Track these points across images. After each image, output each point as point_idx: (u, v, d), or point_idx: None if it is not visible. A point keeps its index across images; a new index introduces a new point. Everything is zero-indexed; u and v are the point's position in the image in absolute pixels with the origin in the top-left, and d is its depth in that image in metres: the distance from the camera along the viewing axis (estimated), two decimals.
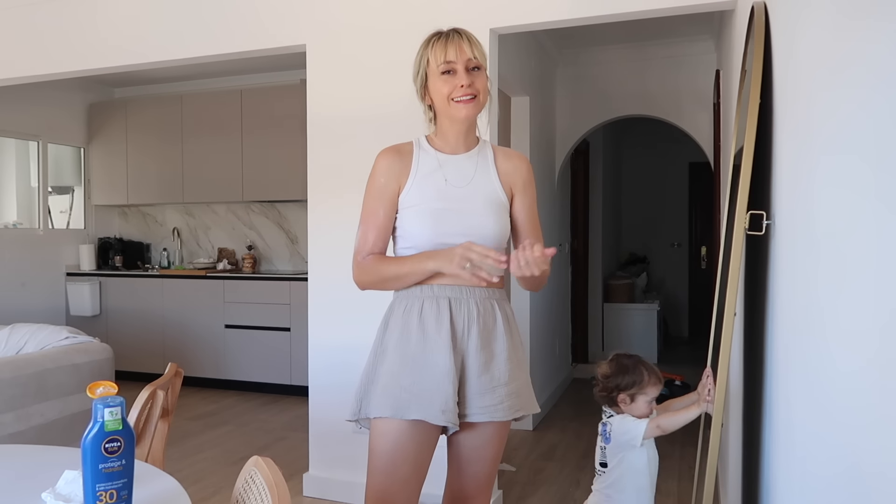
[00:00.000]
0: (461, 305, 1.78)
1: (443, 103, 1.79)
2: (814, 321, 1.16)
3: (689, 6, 2.85)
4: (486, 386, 1.77)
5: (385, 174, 1.83)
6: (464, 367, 1.77)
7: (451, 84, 1.77)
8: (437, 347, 1.74)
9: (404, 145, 1.89)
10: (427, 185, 1.82)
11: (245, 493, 1.32)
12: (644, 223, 8.50)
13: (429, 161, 1.85)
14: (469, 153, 1.88)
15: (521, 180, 1.91)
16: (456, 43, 1.78)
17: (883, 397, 0.78)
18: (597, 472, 2.12)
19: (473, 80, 1.78)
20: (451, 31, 1.82)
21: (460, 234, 1.75)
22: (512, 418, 1.82)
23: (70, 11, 3.93)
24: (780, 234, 1.51)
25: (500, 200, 1.86)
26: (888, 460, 0.76)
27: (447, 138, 1.86)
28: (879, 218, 0.81)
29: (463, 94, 1.77)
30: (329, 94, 3.37)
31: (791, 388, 1.34)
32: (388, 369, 1.78)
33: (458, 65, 1.77)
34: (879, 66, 0.81)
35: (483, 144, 1.92)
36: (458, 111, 1.78)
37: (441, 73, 1.77)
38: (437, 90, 1.79)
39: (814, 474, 1.13)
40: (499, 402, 1.77)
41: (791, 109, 1.42)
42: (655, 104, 5.18)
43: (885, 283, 0.78)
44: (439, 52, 1.78)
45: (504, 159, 1.91)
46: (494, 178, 1.87)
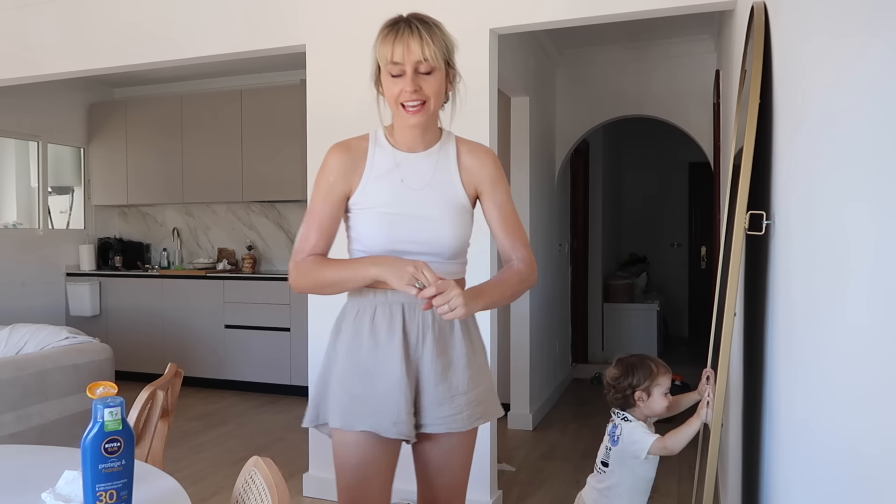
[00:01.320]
0: (415, 311, 1.66)
1: (392, 106, 1.65)
2: (813, 321, 1.16)
3: (689, 6, 2.85)
4: (444, 395, 1.67)
5: (335, 172, 1.69)
6: (419, 376, 1.67)
7: (397, 87, 1.61)
8: (389, 356, 1.64)
9: (359, 141, 1.74)
10: (381, 188, 1.68)
11: (245, 493, 1.32)
12: (644, 223, 8.50)
13: (384, 159, 1.70)
14: (428, 151, 1.72)
15: (488, 177, 1.75)
16: (404, 41, 1.58)
17: (883, 397, 0.78)
18: (597, 469, 2.12)
19: (421, 85, 1.60)
20: (402, 22, 1.61)
21: (415, 241, 1.66)
22: (472, 427, 1.73)
23: (70, 12, 3.93)
24: (780, 234, 1.51)
25: (460, 203, 1.72)
26: (888, 460, 0.76)
27: (403, 137, 1.71)
28: (879, 217, 0.81)
29: (409, 100, 1.60)
30: (329, 94, 3.37)
31: (791, 388, 1.34)
32: (338, 377, 1.69)
33: (406, 66, 1.59)
34: (879, 65, 0.81)
35: (446, 139, 1.75)
36: (406, 119, 1.64)
37: (389, 74, 1.61)
38: (387, 90, 1.64)
39: (814, 474, 1.13)
40: (458, 411, 1.68)
41: (791, 109, 1.42)
42: (655, 104, 5.18)
43: (885, 283, 0.78)
44: (385, 49, 1.60)
45: (468, 156, 1.75)
46: (455, 178, 1.73)
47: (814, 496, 1.13)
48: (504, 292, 1.73)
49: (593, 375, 6.05)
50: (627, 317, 6.82)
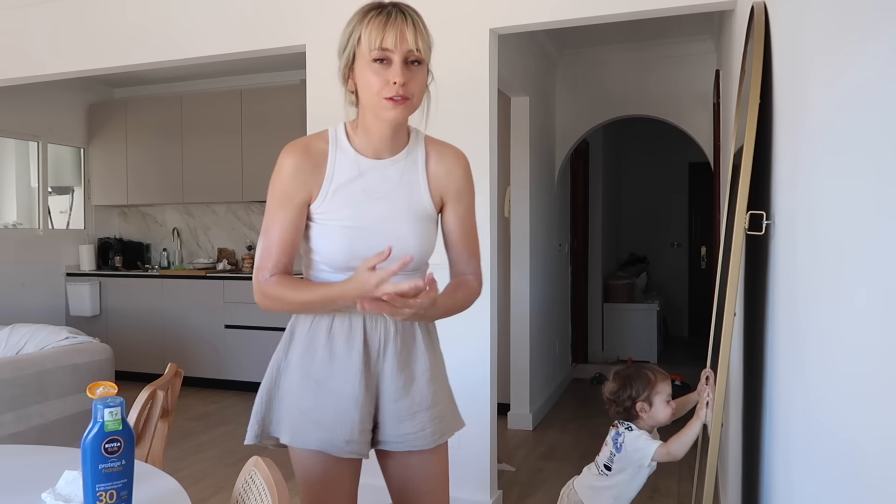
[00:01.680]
0: (377, 323, 1.55)
1: (369, 97, 1.48)
2: (813, 321, 1.16)
3: (689, 6, 2.85)
4: (405, 412, 1.56)
5: (292, 181, 1.52)
6: (379, 390, 1.56)
7: (383, 78, 1.45)
8: (346, 371, 1.53)
9: (317, 141, 1.57)
10: (342, 199, 1.53)
11: (245, 493, 1.32)
12: (644, 223, 8.50)
13: (346, 166, 1.54)
14: (395, 158, 1.57)
15: (455, 187, 1.62)
16: (398, 27, 1.44)
17: (883, 396, 0.78)
18: (598, 468, 2.12)
19: (410, 79, 1.46)
20: (393, 6, 1.48)
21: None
22: (435, 445, 1.61)
23: (70, 12, 3.93)
24: (780, 234, 1.51)
25: (426, 213, 1.59)
26: (889, 460, 0.76)
27: (370, 138, 1.55)
28: (879, 217, 0.81)
29: (394, 93, 1.45)
30: (329, 94, 3.36)
31: (791, 388, 1.34)
32: (288, 388, 1.57)
33: (396, 55, 1.44)
34: (879, 65, 0.81)
35: (414, 142, 1.61)
36: (386, 111, 1.47)
37: (372, 59, 1.45)
38: (365, 81, 1.47)
39: (814, 474, 1.13)
40: (420, 429, 1.57)
41: (791, 109, 1.42)
42: (655, 104, 5.18)
43: (885, 283, 0.78)
44: (375, 33, 1.44)
45: (437, 161, 1.61)
46: (423, 186, 1.59)
47: (814, 496, 1.13)
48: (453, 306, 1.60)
49: (593, 375, 6.05)
50: (627, 317, 6.82)
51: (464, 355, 3.06)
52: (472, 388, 3.08)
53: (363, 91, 1.49)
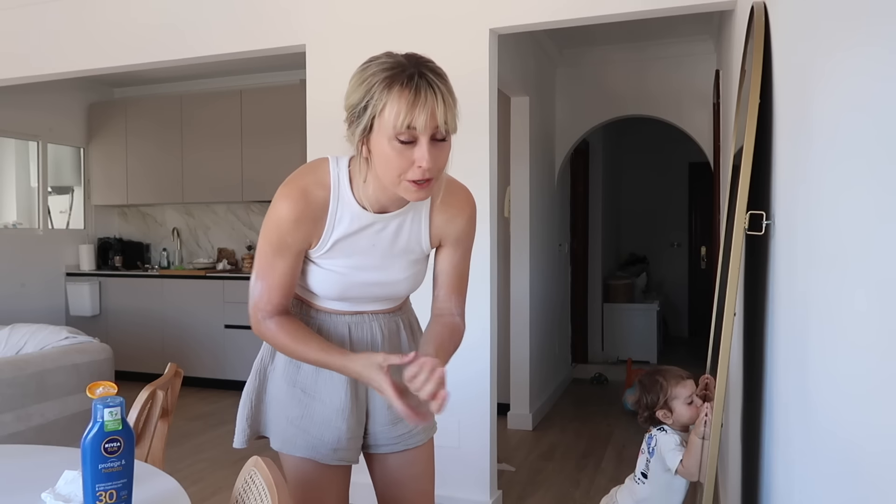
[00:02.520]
0: (363, 329, 1.55)
1: (388, 176, 1.34)
2: (813, 321, 1.16)
3: (689, 6, 2.85)
4: (397, 415, 1.55)
5: (291, 233, 1.43)
6: (368, 398, 1.57)
7: (407, 160, 1.31)
8: (332, 381, 1.51)
9: (317, 188, 1.44)
10: (340, 250, 1.47)
11: (245, 494, 1.32)
12: (644, 223, 8.50)
13: (348, 221, 1.45)
14: (400, 210, 1.47)
15: (454, 234, 1.54)
16: (429, 106, 1.28)
17: (883, 397, 0.78)
18: (636, 479, 2.12)
19: (436, 158, 1.32)
20: (420, 78, 1.29)
21: (370, 298, 1.54)
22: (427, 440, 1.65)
23: (70, 12, 3.93)
24: (780, 234, 1.51)
25: (423, 256, 1.56)
26: (889, 460, 0.76)
27: (378, 195, 1.43)
28: (879, 217, 0.81)
29: (420, 176, 1.32)
30: (329, 94, 3.37)
31: (791, 388, 1.34)
32: (275, 395, 1.55)
33: (424, 136, 1.29)
34: (879, 65, 0.81)
35: None
36: (409, 193, 1.36)
37: (396, 139, 1.30)
38: (385, 158, 1.32)
39: (814, 474, 1.13)
40: (412, 428, 1.59)
41: (791, 109, 1.42)
42: (655, 104, 5.18)
43: (885, 283, 0.78)
44: (403, 113, 1.28)
45: (441, 210, 1.51)
46: (424, 233, 1.52)
47: (814, 496, 1.13)
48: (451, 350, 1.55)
49: (593, 375, 6.05)
50: (627, 317, 6.82)
51: (463, 355, 3.05)
52: (472, 387, 3.08)
53: (381, 166, 1.34)
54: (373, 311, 1.57)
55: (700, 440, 1.92)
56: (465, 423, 3.13)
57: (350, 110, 1.37)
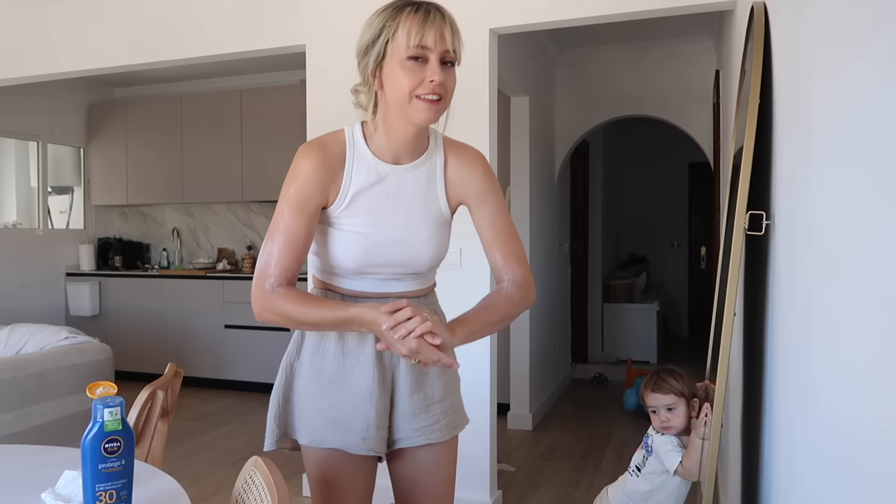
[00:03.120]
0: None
1: (400, 98, 1.40)
2: (813, 321, 1.16)
3: (689, 6, 2.85)
4: (420, 405, 1.55)
5: (310, 184, 1.45)
6: (394, 385, 1.55)
7: (418, 76, 1.37)
8: (359, 366, 1.51)
9: (334, 143, 1.50)
10: (358, 207, 1.48)
11: (245, 494, 1.32)
12: (644, 223, 8.50)
13: (365, 172, 1.48)
14: (414, 163, 1.51)
15: (475, 189, 1.55)
16: (437, 26, 1.37)
17: (883, 397, 0.78)
18: (630, 471, 2.14)
19: (446, 78, 1.39)
20: (429, 4, 1.41)
21: (391, 264, 1.52)
22: (451, 437, 1.61)
23: (70, 12, 3.93)
24: (780, 234, 1.51)
25: (442, 219, 1.56)
26: (889, 460, 0.76)
27: (391, 142, 1.48)
28: (879, 217, 0.81)
29: (431, 91, 1.38)
30: (329, 94, 3.37)
31: (791, 388, 1.34)
32: (303, 388, 1.55)
33: (433, 54, 1.37)
34: (879, 64, 0.81)
35: (433, 147, 1.55)
36: (419, 112, 1.39)
37: (408, 56, 1.37)
38: (396, 80, 1.39)
39: (814, 474, 1.13)
40: (434, 421, 1.57)
41: (791, 109, 1.42)
42: (655, 104, 5.18)
43: (885, 283, 0.78)
44: (415, 30, 1.36)
45: (455, 166, 1.55)
46: (441, 192, 1.55)
47: (814, 496, 1.13)
48: (489, 319, 1.52)
49: (593, 375, 6.05)
50: (627, 317, 6.82)
51: (463, 355, 3.06)
52: (472, 388, 3.07)
53: (392, 91, 1.40)
54: (398, 295, 1.54)
55: (700, 441, 1.92)
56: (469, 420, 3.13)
57: (362, 49, 1.46)
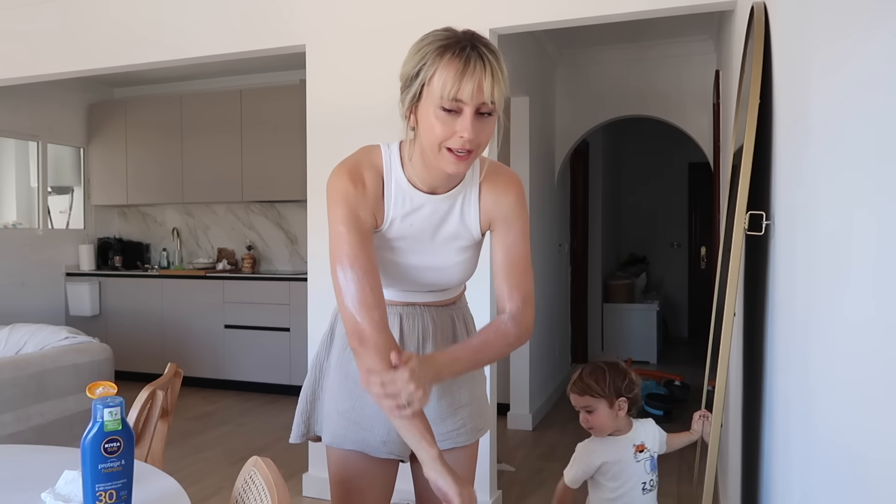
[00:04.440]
0: (414, 320, 1.53)
1: (430, 145, 1.34)
2: (813, 321, 1.16)
3: (689, 6, 2.85)
4: (447, 410, 1.55)
5: (360, 205, 1.39)
6: None
7: (449, 129, 1.31)
8: None
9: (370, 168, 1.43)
10: (393, 233, 1.46)
11: (245, 494, 1.32)
12: (644, 223, 8.50)
13: (401, 199, 1.44)
14: (450, 193, 1.46)
15: (503, 214, 1.50)
16: (476, 78, 1.28)
17: (883, 397, 0.78)
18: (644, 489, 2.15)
19: (478, 132, 1.32)
20: (472, 50, 1.30)
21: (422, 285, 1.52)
22: (476, 440, 1.62)
23: (70, 11, 3.93)
24: (780, 234, 1.51)
25: (475, 244, 1.54)
26: (889, 461, 0.76)
27: (427, 174, 1.42)
28: (879, 218, 0.81)
29: (460, 147, 1.32)
30: (329, 94, 3.37)
31: (790, 389, 1.34)
32: (329, 388, 1.57)
33: (468, 107, 1.29)
34: (879, 65, 0.81)
35: (470, 176, 1.48)
36: (447, 164, 1.34)
37: (440, 107, 1.30)
38: (429, 125, 1.32)
39: (813, 474, 1.13)
40: (461, 425, 1.57)
41: (791, 109, 1.42)
42: (655, 104, 5.18)
43: (885, 283, 0.78)
44: (451, 81, 1.28)
45: (488, 191, 1.50)
46: (475, 221, 1.50)
47: (813, 496, 1.13)
48: (480, 360, 1.47)
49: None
50: (627, 317, 6.82)
51: None
52: None
53: (425, 134, 1.34)
54: (425, 303, 1.54)
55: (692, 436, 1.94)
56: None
57: (404, 79, 1.37)
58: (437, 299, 1.57)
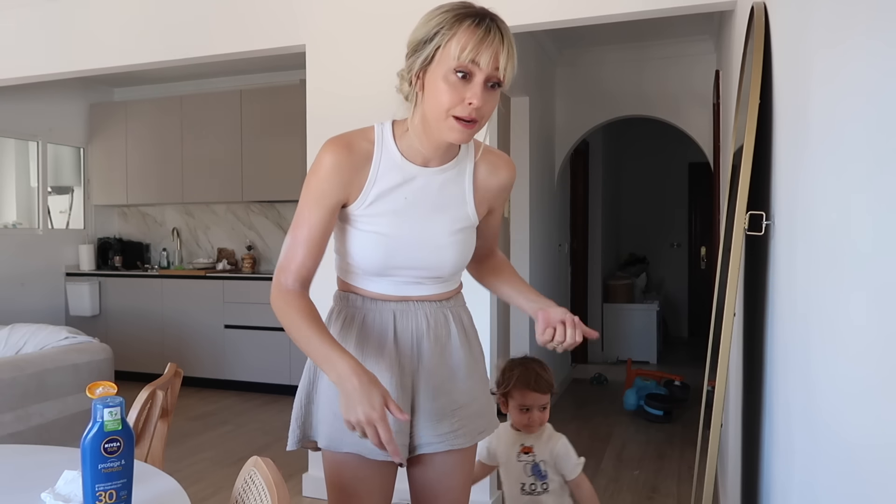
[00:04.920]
0: (408, 318, 1.50)
1: (436, 111, 1.34)
2: (813, 321, 1.16)
3: (689, 6, 2.85)
4: (444, 410, 1.51)
5: (330, 179, 1.42)
6: (415, 390, 1.51)
7: (458, 94, 1.31)
8: (378, 369, 1.46)
9: (361, 140, 1.46)
10: (383, 207, 1.45)
11: (244, 494, 1.32)
12: (644, 223, 8.50)
13: (391, 171, 1.45)
14: (444, 167, 1.47)
15: (502, 199, 1.58)
16: (494, 48, 1.30)
17: (883, 397, 0.78)
18: (525, 491, 2.16)
19: (485, 101, 1.33)
20: (491, 21, 1.32)
21: (414, 267, 1.48)
22: (474, 443, 1.58)
23: (70, 12, 3.93)
24: (780, 235, 1.51)
25: (470, 224, 1.53)
26: (888, 461, 0.76)
27: (422, 144, 1.43)
28: (879, 218, 0.81)
29: (467, 114, 1.32)
30: (329, 94, 3.37)
31: (790, 389, 1.34)
32: (324, 390, 1.51)
33: (481, 73, 1.31)
34: (878, 65, 0.81)
35: (464, 153, 1.50)
36: (451, 132, 1.35)
37: (455, 70, 1.30)
38: (438, 92, 1.33)
39: (813, 474, 1.13)
40: (459, 426, 1.52)
41: (791, 109, 1.42)
42: (655, 104, 5.18)
43: (885, 283, 0.78)
44: (471, 45, 1.29)
45: (489, 172, 1.53)
46: (469, 198, 1.51)
47: (813, 496, 1.13)
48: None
49: (593, 375, 6.05)
50: (627, 317, 6.82)
51: None
52: None
53: (430, 101, 1.35)
54: (419, 298, 1.52)
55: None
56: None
57: (413, 45, 1.38)
58: (432, 293, 1.53)
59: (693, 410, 4.85)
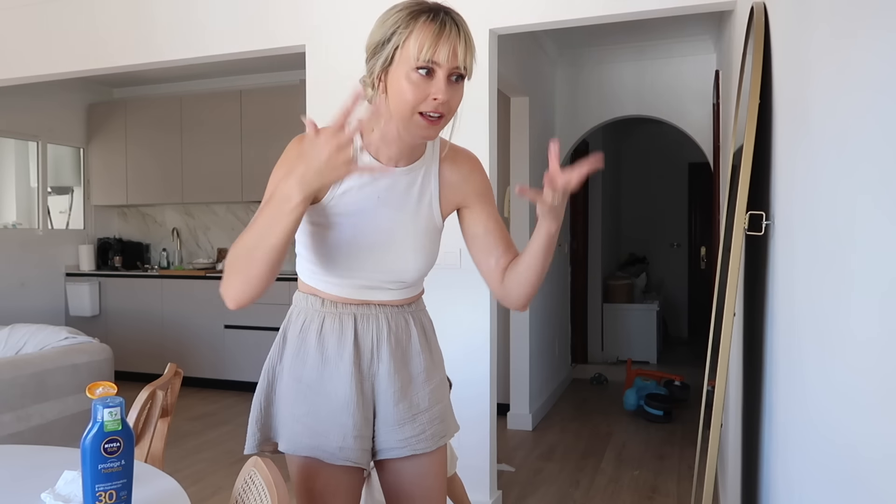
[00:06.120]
0: (368, 322, 1.48)
1: (402, 110, 1.33)
2: (813, 321, 1.16)
3: (689, 6, 2.85)
4: (405, 415, 1.50)
5: None
6: (375, 394, 1.49)
7: (423, 92, 1.31)
8: (338, 373, 1.45)
9: None
10: (349, 204, 1.43)
11: (244, 494, 1.32)
12: (644, 224, 8.50)
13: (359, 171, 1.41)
14: (410, 167, 1.46)
15: (475, 191, 1.54)
16: (451, 42, 1.31)
17: (882, 397, 0.78)
18: None
19: (451, 95, 1.33)
20: (445, 15, 1.34)
21: (378, 270, 1.46)
22: (437, 447, 1.56)
23: (70, 11, 3.93)
24: (780, 235, 1.51)
25: (434, 228, 1.52)
26: (888, 461, 0.76)
27: (388, 144, 1.43)
28: (879, 218, 0.81)
29: (433, 109, 1.32)
30: (329, 95, 3.37)
31: (790, 389, 1.34)
32: (283, 393, 1.50)
33: (442, 69, 1.31)
34: (880, 65, 0.81)
35: (430, 153, 1.50)
36: (419, 129, 1.35)
37: (416, 68, 1.31)
38: (401, 91, 1.32)
39: (813, 474, 1.13)
40: (420, 431, 1.51)
41: (791, 109, 1.42)
42: (655, 104, 5.18)
43: (885, 284, 0.78)
44: (428, 43, 1.30)
45: (451, 169, 1.52)
46: (434, 200, 1.50)
47: (813, 496, 1.13)
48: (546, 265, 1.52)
49: (593, 376, 6.06)
50: (627, 317, 6.82)
51: (463, 355, 3.07)
52: (472, 388, 3.08)
53: (395, 100, 1.34)
54: (380, 302, 1.50)
55: None
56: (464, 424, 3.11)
57: (371, 48, 1.39)
58: (394, 298, 1.51)
59: (693, 410, 4.85)
